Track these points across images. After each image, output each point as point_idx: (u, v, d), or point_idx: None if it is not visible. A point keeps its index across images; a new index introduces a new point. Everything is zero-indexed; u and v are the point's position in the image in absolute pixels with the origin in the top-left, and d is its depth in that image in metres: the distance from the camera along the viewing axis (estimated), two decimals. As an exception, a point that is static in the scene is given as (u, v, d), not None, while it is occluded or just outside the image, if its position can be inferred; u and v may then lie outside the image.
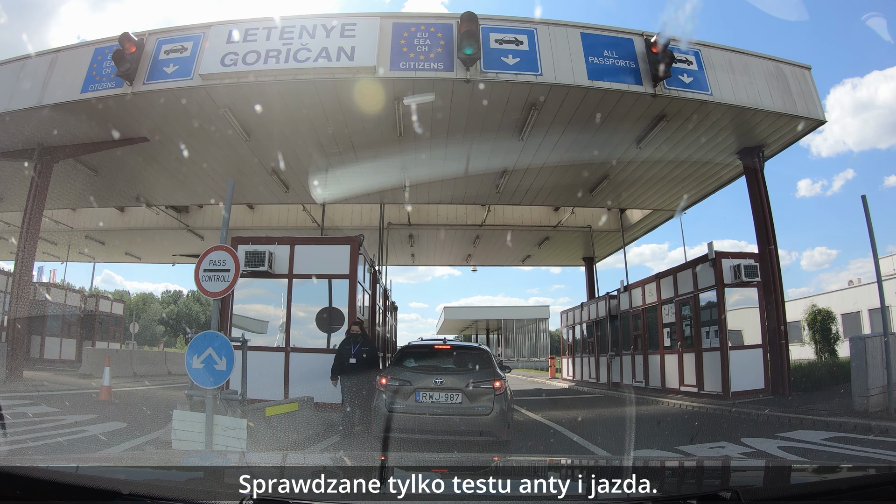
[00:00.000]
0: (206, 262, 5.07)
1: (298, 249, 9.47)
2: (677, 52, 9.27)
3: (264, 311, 9.64)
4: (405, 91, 9.42)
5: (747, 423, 8.32)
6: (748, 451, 6.19)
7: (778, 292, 10.84)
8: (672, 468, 2.47)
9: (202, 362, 4.73)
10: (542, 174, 13.01)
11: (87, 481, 1.42)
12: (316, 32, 9.09)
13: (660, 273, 13.80)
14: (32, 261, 11.69)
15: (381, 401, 6.27)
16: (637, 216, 17.24)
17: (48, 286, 20.25)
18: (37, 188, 11.16)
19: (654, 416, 9.75)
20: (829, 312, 15.64)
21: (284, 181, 13.52)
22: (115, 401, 9.60)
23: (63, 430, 6.68)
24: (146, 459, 2.80)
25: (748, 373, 10.79)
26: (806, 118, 10.25)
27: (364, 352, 7.53)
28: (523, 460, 3.01)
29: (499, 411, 6.06)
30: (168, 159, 12.23)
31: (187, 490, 1.39)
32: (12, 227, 15.55)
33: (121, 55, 8.96)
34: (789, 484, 1.84)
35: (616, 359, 15.81)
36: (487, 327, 44.34)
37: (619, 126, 10.46)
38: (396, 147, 11.31)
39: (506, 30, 9.29)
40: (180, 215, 16.86)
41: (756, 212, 11.27)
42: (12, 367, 10.94)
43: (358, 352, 7.50)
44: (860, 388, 7.89)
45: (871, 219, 8.06)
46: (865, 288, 20.41)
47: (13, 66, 10.13)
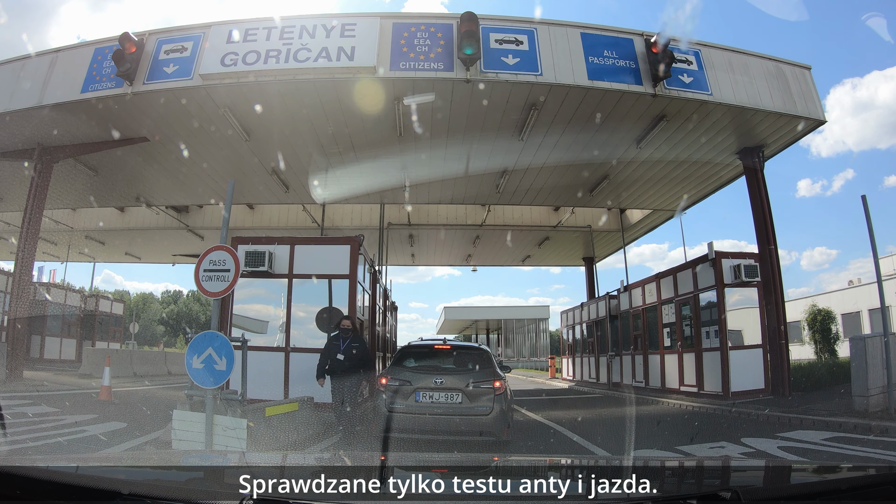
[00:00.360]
0: (206, 262, 5.07)
1: (298, 249, 9.47)
2: (677, 52, 9.27)
3: (264, 311, 9.64)
4: (405, 91, 9.42)
5: (747, 423, 8.32)
6: (748, 451, 6.19)
7: (778, 292, 10.84)
8: (672, 468, 2.47)
9: (202, 362, 4.73)
10: (542, 174, 13.01)
11: (87, 481, 1.42)
12: (316, 32, 9.09)
13: (660, 273, 13.81)
14: (32, 261, 11.69)
15: (382, 401, 6.27)
16: (637, 216, 17.24)
17: (48, 286, 20.24)
18: (37, 188, 11.16)
19: (654, 416, 9.75)
20: (829, 312, 15.64)
21: (284, 181, 13.52)
22: (115, 401, 9.60)
23: (63, 430, 6.68)
24: (146, 459, 2.80)
25: (748, 373, 10.79)
26: (806, 118, 10.25)
27: (354, 348, 7.11)
28: (523, 460, 3.01)
29: (499, 411, 6.06)
30: (168, 159, 12.23)
31: (187, 490, 1.39)
32: (12, 227, 15.55)
33: (121, 55, 8.96)
34: (789, 484, 1.84)
35: (616, 359, 15.81)
36: (487, 327, 44.33)
37: (619, 126, 10.45)
38: (396, 147, 11.31)
39: (506, 30, 9.28)
40: (180, 215, 16.86)
41: (756, 212, 11.27)
42: (12, 367, 10.94)
43: (347, 348, 7.08)
44: (860, 388, 7.89)
45: (871, 219, 8.07)
46: (865, 288, 20.41)
47: (13, 66, 10.13)
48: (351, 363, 7.01)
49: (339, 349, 7.09)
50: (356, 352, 7.11)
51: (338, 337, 7.31)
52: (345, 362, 7.00)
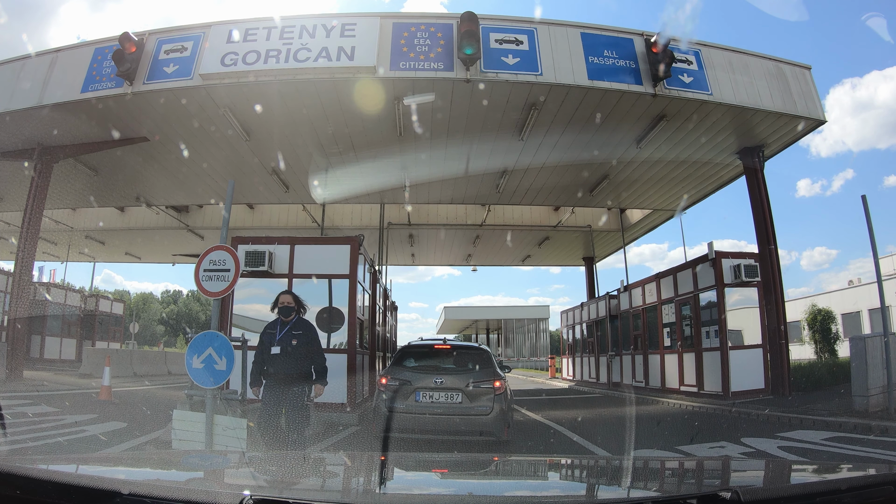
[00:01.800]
0: (206, 262, 5.07)
1: (298, 249, 9.46)
2: (677, 51, 9.27)
3: (264, 311, 9.62)
4: (405, 91, 9.42)
5: (747, 423, 8.32)
6: (748, 451, 6.19)
7: (778, 292, 10.84)
8: (672, 468, 2.47)
9: (202, 362, 4.72)
10: (542, 174, 13.01)
11: (87, 481, 1.42)
12: (316, 32, 9.10)
13: (660, 273, 13.81)
14: (32, 261, 11.70)
15: (382, 401, 6.27)
16: (637, 216, 17.25)
17: (48, 286, 20.24)
18: (37, 188, 11.17)
19: (654, 416, 9.75)
20: (829, 312, 15.65)
21: (284, 181, 13.52)
22: (115, 401, 9.60)
23: (63, 430, 6.68)
24: (146, 459, 2.80)
25: (748, 373, 10.78)
26: (806, 118, 10.25)
27: (295, 336, 4.99)
28: (523, 460, 3.01)
29: (499, 411, 6.06)
30: (168, 159, 12.23)
31: (187, 490, 1.39)
32: (12, 227, 15.55)
33: (121, 55, 8.96)
34: (789, 484, 1.85)
35: (616, 359, 15.81)
36: (487, 327, 44.36)
37: (619, 126, 10.46)
38: (396, 147, 11.31)
39: (506, 30, 9.29)
40: (180, 215, 16.86)
41: (756, 212, 11.27)
42: (12, 367, 10.95)
43: (286, 336, 4.98)
44: (860, 388, 7.89)
45: (871, 219, 8.07)
46: (865, 288, 20.42)
47: (13, 66, 10.13)
48: (291, 359, 4.91)
49: (274, 340, 5.01)
50: (297, 342, 4.98)
51: (274, 324, 5.17)
52: (281, 358, 4.92)
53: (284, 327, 5.08)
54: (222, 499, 1.25)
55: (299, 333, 5.06)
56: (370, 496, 1.63)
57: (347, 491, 1.66)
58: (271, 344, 5.00)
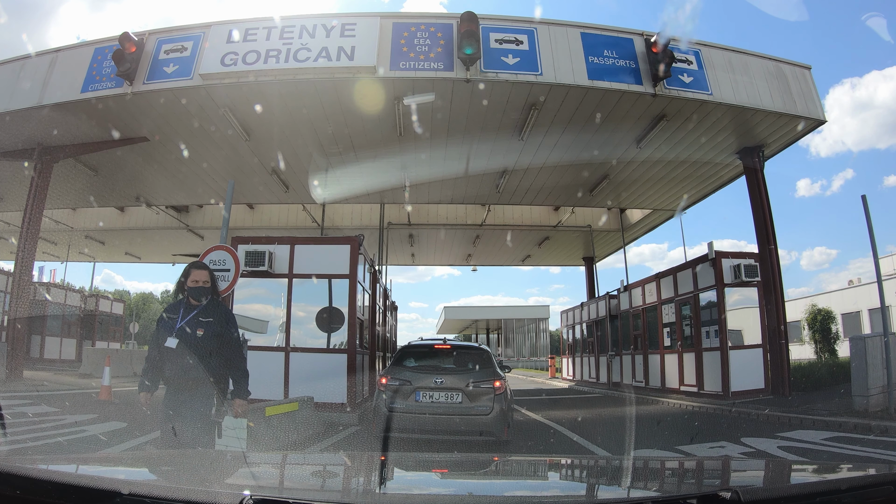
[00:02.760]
0: (207, 262, 5.07)
1: (298, 249, 9.46)
2: (677, 51, 9.27)
3: (264, 310, 9.63)
4: (405, 91, 9.42)
5: (747, 423, 8.32)
6: (748, 451, 6.19)
7: (778, 292, 10.84)
8: (672, 468, 2.47)
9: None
10: (542, 174, 13.01)
11: (87, 481, 1.42)
12: (316, 32, 9.10)
13: (660, 273, 13.81)
14: (32, 261, 11.69)
15: (382, 400, 6.27)
16: (637, 216, 17.25)
17: (48, 286, 20.24)
18: (37, 188, 11.17)
19: (654, 416, 9.75)
20: (829, 312, 15.66)
21: (284, 181, 13.52)
22: (115, 401, 9.59)
23: (63, 430, 6.68)
24: (146, 459, 2.80)
25: (748, 373, 10.79)
26: (806, 118, 10.25)
27: (202, 325, 3.58)
28: (523, 460, 3.01)
29: (499, 411, 6.06)
30: (168, 159, 12.23)
31: (187, 490, 1.39)
32: (12, 227, 15.56)
33: (121, 55, 8.96)
34: (789, 484, 1.85)
35: (616, 359, 15.82)
36: (487, 327, 44.36)
37: (619, 126, 10.46)
38: (396, 147, 11.31)
39: (506, 29, 9.29)
40: (180, 215, 16.86)
41: (756, 212, 11.27)
42: (12, 367, 10.95)
43: (190, 324, 3.57)
44: (860, 388, 7.89)
45: (870, 218, 8.07)
46: (865, 288, 20.42)
47: (13, 66, 10.13)
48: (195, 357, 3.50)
49: (173, 329, 3.58)
50: (205, 332, 3.58)
51: (177, 305, 3.71)
52: (179, 354, 3.51)
53: (190, 312, 3.62)
54: (222, 499, 1.25)
55: (208, 321, 3.60)
56: (370, 496, 1.63)
57: (347, 491, 1.66)
58: (169, 331, 3.57)
